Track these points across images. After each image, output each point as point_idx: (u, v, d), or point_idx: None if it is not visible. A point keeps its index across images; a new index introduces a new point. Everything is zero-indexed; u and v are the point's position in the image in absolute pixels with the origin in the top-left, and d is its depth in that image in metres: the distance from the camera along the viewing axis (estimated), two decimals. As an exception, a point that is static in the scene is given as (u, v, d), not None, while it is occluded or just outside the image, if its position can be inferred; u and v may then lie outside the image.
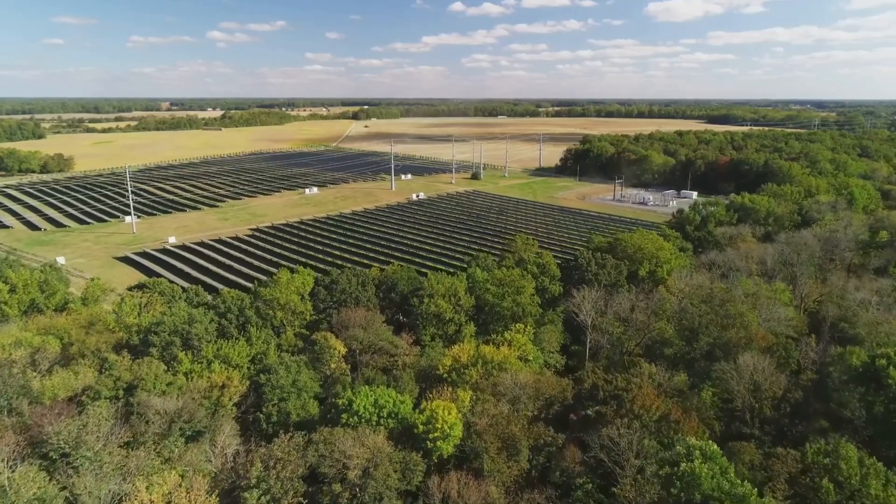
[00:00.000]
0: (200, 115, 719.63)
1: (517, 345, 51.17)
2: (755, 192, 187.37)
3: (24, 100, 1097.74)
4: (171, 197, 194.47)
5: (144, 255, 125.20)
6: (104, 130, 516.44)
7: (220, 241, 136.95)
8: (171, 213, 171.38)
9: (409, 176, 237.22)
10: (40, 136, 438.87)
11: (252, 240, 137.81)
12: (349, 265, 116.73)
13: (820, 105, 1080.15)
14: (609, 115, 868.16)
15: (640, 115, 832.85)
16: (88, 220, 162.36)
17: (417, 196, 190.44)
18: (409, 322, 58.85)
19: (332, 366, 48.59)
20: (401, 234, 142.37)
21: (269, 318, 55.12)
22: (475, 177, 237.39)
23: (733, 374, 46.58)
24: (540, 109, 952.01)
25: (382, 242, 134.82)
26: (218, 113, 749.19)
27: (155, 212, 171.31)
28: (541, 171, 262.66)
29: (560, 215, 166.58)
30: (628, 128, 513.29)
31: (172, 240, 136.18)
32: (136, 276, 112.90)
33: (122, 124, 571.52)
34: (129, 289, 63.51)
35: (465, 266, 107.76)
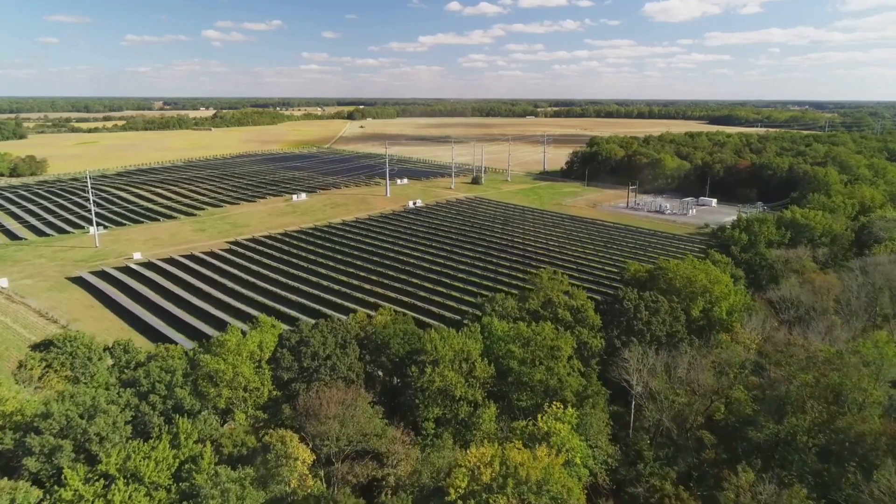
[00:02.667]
0: (192, 114, 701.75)
1: (557, 439, 36.23)
2: (782, 200, 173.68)
3: (13, 98, 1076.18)
4: (146, 204, 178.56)
5: (102, 274, 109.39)
6: (90, 130, 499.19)
7: (191, 257, 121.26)
8: (143, 222, 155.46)
9: (405, 180, 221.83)
10: (21, 136, 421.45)
11: (228, 255, 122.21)
12: (335, 286, 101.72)
13: (819, 106, 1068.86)
14: (609, 115, 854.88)
15: (641, 115, 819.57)
16: (50, 231, 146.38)
17: (414, 203, 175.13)
18: (406, 398, 43.56)
19: (293, 483, 33.70)
20: (395, 248, 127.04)
21: (211, 399, 40.14)
22: (476, 181, 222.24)
23: (884, 498, 31.58)
24: (538, 110, 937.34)
25: (375, 259, 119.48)
26: (210, 112, 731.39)
27: (125, 221, 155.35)
28: (545, 175, 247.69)
29: (571, 225, 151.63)
30: (630, 128, 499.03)
31: (138, 256, 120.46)
32: (88, 301, 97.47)
33: (109, 124, 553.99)
34: (34, 347, 48.11)
35: (473, 299, 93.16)
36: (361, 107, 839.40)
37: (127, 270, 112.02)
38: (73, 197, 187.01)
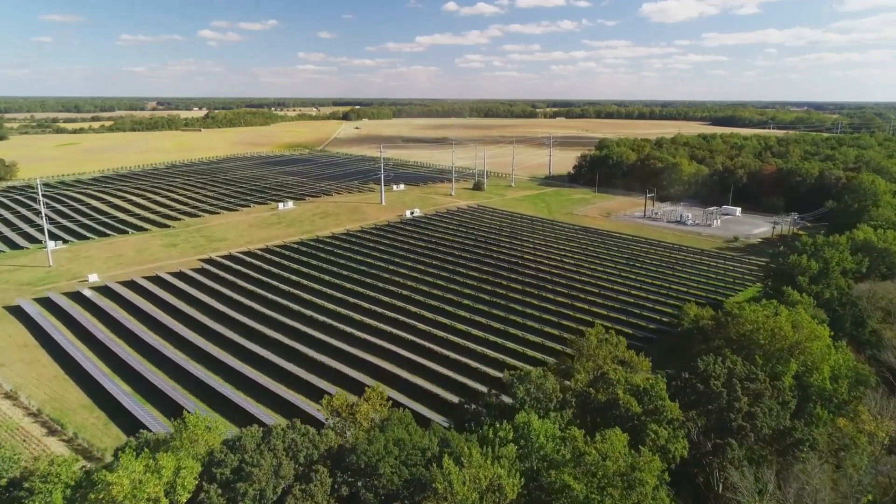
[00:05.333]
0: (183, 114, 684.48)
1: None
2: (812, 209, 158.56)
3: (1, 98, 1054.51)
4: (117, 214, 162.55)
5: (46, 302, 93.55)
6: (75, 131, 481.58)
7: (155, 279, 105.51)
8: (109, 235, 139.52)
9: (402, 186, 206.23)
10: (2, 138, 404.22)
11: (199, 277, 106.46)
12: (319, 316, 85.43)
13: (819, 107, 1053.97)
14: (609, 115, 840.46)
15: (641, 116, 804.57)
16: (2, 246, 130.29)
17: (411, 213, 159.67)
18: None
19: None
20: (390, 267, 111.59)
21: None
22: (477, 187, 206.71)
23: None
24: (537, 110, 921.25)
25: (367, 280, 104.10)
26: (202, 112, 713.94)
27: (89, 235, 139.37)
28: (551, 180, 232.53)
29: (586, 239, 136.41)
30: (633, 129, 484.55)
31: (93, 278, 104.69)
32: (22, 339, 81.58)
33: (96, 124, 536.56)
34: None
35: (481, 333, 76.41)
36: (357, 107, 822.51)
37: (77, 297, 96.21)
38: (38, 206, 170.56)
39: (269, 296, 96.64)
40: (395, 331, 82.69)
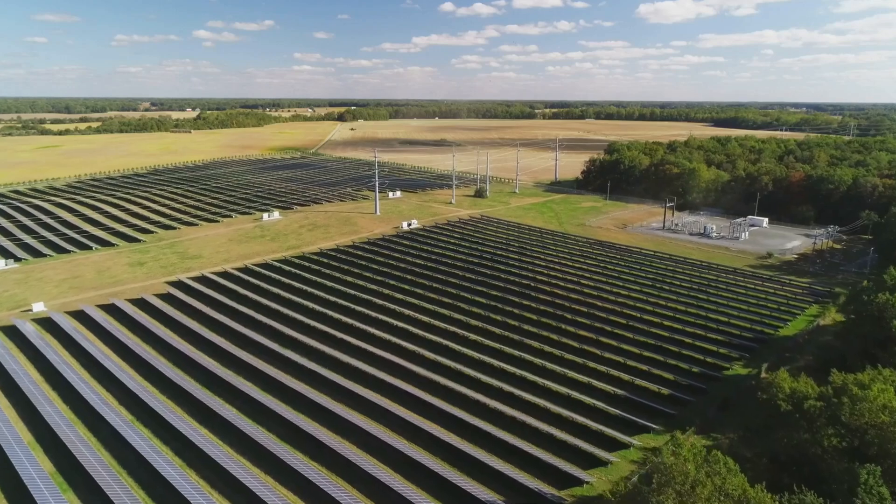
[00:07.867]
0: (175, 115, 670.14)
1: None
2: (846, 220, 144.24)
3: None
4: (84, 226, 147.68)
5: (-25, 341, 78.75)
6: (60, 132, 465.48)
7: (110, 308, 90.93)
8: (70, 252, 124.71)
9: (398, 193, 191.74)
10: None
11: (161, 306, 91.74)
12: (298, 358, 70.03)
13: (817, 108, 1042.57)
14: (609, 116, 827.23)
15: (642, 117, 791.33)
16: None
17: (409, 224, 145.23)
18: None
19: None
20: (385, 291, 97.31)
21: None
22: (479, 194, 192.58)
23: None
24: (535, 111, 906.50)
25: (356, 308, 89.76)
26: (195, 113, 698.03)
27: (48, 251, 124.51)
28: (557, 186, 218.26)
29: (603, 255, 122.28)
30: (636, 131, 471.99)
31: (39, 307, 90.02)
32: (-66, 393, 66.70)
33: (83, 126, 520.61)
34: None
35: (493, 384, 60.52)
36: (353, 108, 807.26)
37: (12, 333, 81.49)
38: (3, 217, 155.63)
39: (241, 329, 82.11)
40: (388, 378, 68.30)
